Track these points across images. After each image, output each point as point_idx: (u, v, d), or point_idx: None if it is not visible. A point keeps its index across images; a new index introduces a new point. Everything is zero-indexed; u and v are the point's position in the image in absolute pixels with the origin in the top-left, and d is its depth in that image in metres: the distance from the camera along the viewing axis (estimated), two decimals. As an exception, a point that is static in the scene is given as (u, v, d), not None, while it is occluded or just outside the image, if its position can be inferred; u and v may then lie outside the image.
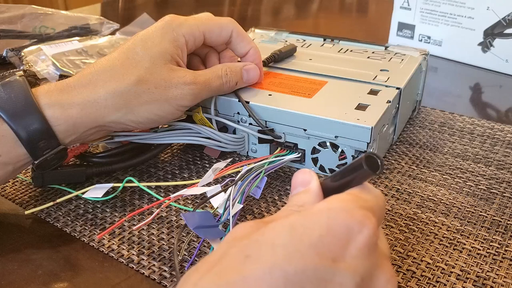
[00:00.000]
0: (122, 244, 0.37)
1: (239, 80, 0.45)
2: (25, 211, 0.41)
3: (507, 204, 0.42)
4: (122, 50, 0.41)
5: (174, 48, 0.41)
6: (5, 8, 0.82)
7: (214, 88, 0.44)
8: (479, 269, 0.35)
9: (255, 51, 0.47)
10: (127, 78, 0.39)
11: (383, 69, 0.51)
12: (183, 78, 0.41)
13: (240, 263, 0.21)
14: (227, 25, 0.45)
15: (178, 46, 0.42)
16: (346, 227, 0.22)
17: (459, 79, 0.70)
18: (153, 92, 0.40)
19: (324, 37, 0.61)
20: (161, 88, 0.40)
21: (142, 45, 0.41)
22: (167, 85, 0.40)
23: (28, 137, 0.37)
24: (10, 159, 0.37)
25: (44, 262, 0.36)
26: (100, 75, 0.39)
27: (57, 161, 0.40)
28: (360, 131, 0.41)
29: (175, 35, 0.42)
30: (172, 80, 0.40)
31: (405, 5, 0.77)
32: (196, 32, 0.43)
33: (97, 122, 0.39)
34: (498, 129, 0.54)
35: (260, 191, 0.42)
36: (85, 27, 0.81)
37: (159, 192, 0.43)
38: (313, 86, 0.48)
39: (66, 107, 0.38)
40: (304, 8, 1.14)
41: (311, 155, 0.45)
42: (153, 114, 0.41)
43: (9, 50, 0.69)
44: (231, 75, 0.44)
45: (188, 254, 0.36)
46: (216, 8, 1.11)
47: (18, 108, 0.37)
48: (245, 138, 0.47)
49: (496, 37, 0.68)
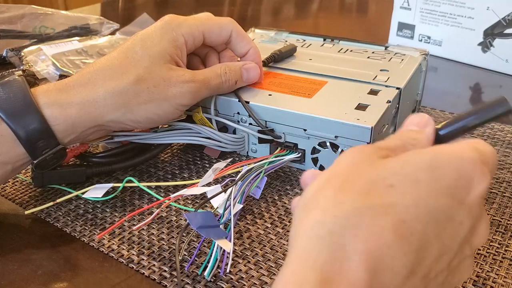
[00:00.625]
0: (122, 244, 0.37)
1: (238, 79, 0.45)
2: (25, 211, 0.41)
3: (507, 204, 0.42)
4: (121, 49, 0.41)
5: (174, 48, 0.41)
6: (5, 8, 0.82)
7: (213, 86, 0.44)
8: (479, 269, 0.35)
9: (254, 51, 0.47)
10: (126, 78, 0.39)
11: (383, 69, 0.51)
12: (182, 77, 0.41)
13: (384, 190, 0.23)
14: (226, 25, 0.45)
15: (178, 46, 0.42)
16: (472, 177, 0.24)
17: (459, 79, 0.70)
18: (152, 91, 0.40)
19: (324, 37, 0.61)
20: (160, 87, 0.40)
21: (141, 44, 0.41)
22: (166, 84, 0.40)
23: (27, 136, 0.37)
24: (9, 159, 0.37)
25: (44, 262, 0.36)
26: (99, 75, 0.39)
27: (56, 161, 0.40)
28: (360, 131, 0.41)
29: (174, 35, 0.42)
30: (171, 79, 0.40)
31: (405, 5, 0.77)
32: (196, 32, 0.43)
33: (96, 122, 0.39)
34: (498, 129, 0.54)
35: (260, 191, 0.42)
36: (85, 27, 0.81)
37: (159, 192, 0.43)
38: (313, 86, 0.48)
39: (65, 106, 0.38)
40: (304, 8, 1.14)
41: (311, 155, 0.45)
42: (152, 113, 0.41)
43: (9, 50, 0.69)
44: (230, 74, 0.44)
45: (188, 254, 0.36)
46: (216, 8, 1.11)
47: (17, 107, 0.37)
48: (245, 138, 0.47)
49: (496, 37, 0.68)
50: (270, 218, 0.40)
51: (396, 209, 0.22)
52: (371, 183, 0.23)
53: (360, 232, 0.21)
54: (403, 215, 0.22)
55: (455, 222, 0.23)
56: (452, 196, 0.23)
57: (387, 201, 0.22)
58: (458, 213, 0.23)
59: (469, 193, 0.24)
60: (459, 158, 0.24)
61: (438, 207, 0.23)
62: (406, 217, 0.22)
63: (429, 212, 0.22)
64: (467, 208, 0.24)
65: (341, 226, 0.22)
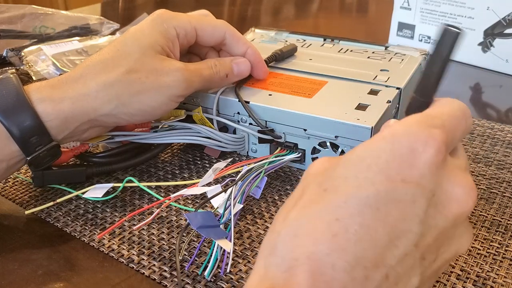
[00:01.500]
0: (122, 244, 0.37)
1: (229, 73, 0.45)
2: (25, 211, 0.41)
3: (507, 204, 0.42)
4: (113, 44, 0.41)
5: (165, 40, 0.41)
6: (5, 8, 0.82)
7: (206, 76, 0.44)
8: (479, 269, 0.35)
9: (253, 51, 0.47)
10: (117, 70, 0.39)
11: (383, 69, 0.51)
12: (174, 65, 0.41)
13: (319, 196, 0.24)
14: (220, 27, 0.45)
15: (169, 38, 0.42)
16: (410, 149, 0.23)
17: (459, 79, 0.70)
18: (144, 82, 0.40)
19: (324, 37, 0.61)
20: (152, 77, 0.40)
21: (132, 37, 0.41)
22: (158, 74, 0.40)
23: (20, 133, 0.37)
24: (4, 156, 0.38)
25: (44, 262, 0.36)
26: (91, 69, 0.40)
27: (50, 159, 0.40)
28: (360, 131, 0.41)
29: (165, 27, 0.42)
30: (163, 69, 0.40)
31: (405, 5, 0.77)
32: (188, 27, 0.43)
33: (89, 116, 0.39)
34: (498, 129, 0.54)
35: (260, 191, 0.42)
36: (85, 27, 0.81)
37: (159, 192, 0.43)
38: (313, 86, 0.48)
39: (57, 101, 0.38)
40: (304, 8, 1.14)
41: (311, 155, 0.45)
42: (145, 105, 0.40)
43: (9, 50, 0.69)
44: (220, 66, 0.45)
45: (188, 254, 0.36)
46: (216, 8, 1.11)
47: (9, 104, 0.37)
48: (245, 138, 0.47)
49: (496, 37, 0.68)
50: (270, 218, 0.40)
51: (328, 210, 0.23)
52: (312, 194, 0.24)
53: (300, 239, 0.22)
54: (335, 214, 0.23)
55: (404, 203, 0.23)
56: (388, 178, 0.23)
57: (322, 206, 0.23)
58: (404, 192, 0.23)
59: (412, 166, 0.23)
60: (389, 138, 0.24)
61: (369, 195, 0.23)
62: (339, 215, 0.22)
63: (362, 203, 0.22)
64: (415, 183, 0.23)
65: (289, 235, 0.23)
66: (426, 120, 0.25)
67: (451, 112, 0.27)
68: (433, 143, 0.24)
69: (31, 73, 0.64)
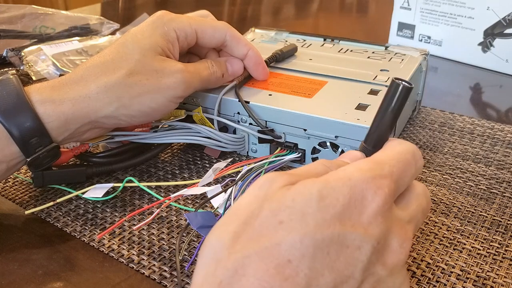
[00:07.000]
0: (122, 244, 0.37)
1: (224, 73, 0.46)
2: (25, 211, 0.41)
3: (507, 204, 0.42)
4: (113, 45, 0.41)
5: (165, 41, 0.41)
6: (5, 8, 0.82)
7: (204, 77, 0.44)
8: (479, 269, 0.35)
9: (254, 52, 0.47)
10: (118, 72, 0.39)
11: (383, 69, 0.51)
12: (174, 67, 0.41)
13: (273, 228, 0.23)
14: (221, 28, 0.45)
15: (169, 40, 0.42)
16: (362, 196, 0.24)
17: (459, 79, 0.70)
18: (144, 84, 0.40)
19: (324, 37, 0.61)
20: (152, 79, 0.40)
21: (132, 39, 0.41)
22: (158, 76, 0.40)
23: (20, 134, 0.37)
24: (4, 157, 0.38)
25: (44, 262, 0.36)
26: (91, 71, 0.40)
27: (50, 160, 0.40)
28: (360, 131, 0.41)
29: (166, 29, 0.42)
30: (164, 70, 0.40)
31: (405, 5, 0.77)
32: (188, 29, 0.43)
33: (90, 118, 0.39)
34: (498, 129, 0.54)
35: (260, 191, 0.42)
36: (85, 27, 0.81)
37: (159, 192, 0.43)
38: (313, 86, 0.48)
39: (58, 103, 0.38)
40: (304, 8, 1.14)
41: (311, 155, 0.45)
42: (145, 106, 0.41)
43: (9, 50, 0.69)
44: (216, 67, 0.45)
45: (188, 254, 0.36)
46: (216, 8, 1.11)
47: (10, 105, 0.37)
48: (245, 138, 0.47)
49: (496, 37, 0.68)
50: (270, 218, 0.40)
51: (282, 249, 0.22)
52: (264, 222, 0.23)
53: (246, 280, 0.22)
54: (288, 254, 0.22)
55: (351, 248, 0.23)
56: (341, 222, 0.23)
57: (275, 241, 0.22)
58: (353, 238, 0.23)
59: (361, 213, 0.24)
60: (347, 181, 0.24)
61: (325, 238, 0.22)
62: (292, 256, 0.22)
63: (316, 245, 0.22)
64: (361, 230, 0.23)
65: (230, 277, 0.22)
66: (376, 168, 0.25)
67: (400, 157, 0.27)
68: (381, 193, 0.24)
69: (31, 73, 0.64)
